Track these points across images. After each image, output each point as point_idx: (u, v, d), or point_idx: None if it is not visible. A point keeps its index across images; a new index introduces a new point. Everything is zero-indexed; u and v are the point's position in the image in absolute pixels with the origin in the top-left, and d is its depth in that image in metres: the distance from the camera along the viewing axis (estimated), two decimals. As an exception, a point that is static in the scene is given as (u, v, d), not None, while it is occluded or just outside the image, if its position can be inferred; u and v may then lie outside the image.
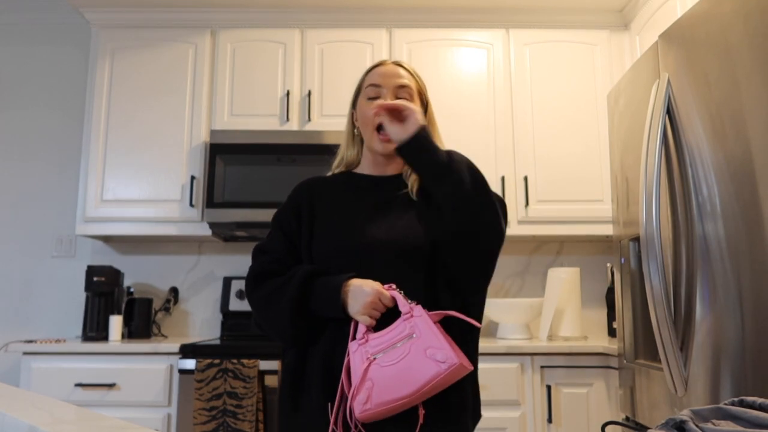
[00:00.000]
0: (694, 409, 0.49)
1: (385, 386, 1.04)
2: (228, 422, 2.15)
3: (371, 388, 1.04)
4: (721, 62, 1.36)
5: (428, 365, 1.02)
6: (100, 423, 0.70)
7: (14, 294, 2.97)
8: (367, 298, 1.09)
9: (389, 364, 1.04)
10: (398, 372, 1.04)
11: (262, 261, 1.24)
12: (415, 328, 1.06)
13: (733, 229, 1.32)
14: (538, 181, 2.70)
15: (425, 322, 1.06)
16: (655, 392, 1.69)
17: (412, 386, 1.03)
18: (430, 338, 1.04)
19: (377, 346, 1.07)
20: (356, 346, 1.09)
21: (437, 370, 1.02)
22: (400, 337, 1.06)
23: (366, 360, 1.06)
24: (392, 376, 1.04)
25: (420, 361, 1.03)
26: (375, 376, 1.04)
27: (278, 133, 2.68)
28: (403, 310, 1.08)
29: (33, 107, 3.10)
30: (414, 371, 1.03)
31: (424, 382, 1.03)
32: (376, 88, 1.26)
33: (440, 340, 1.04)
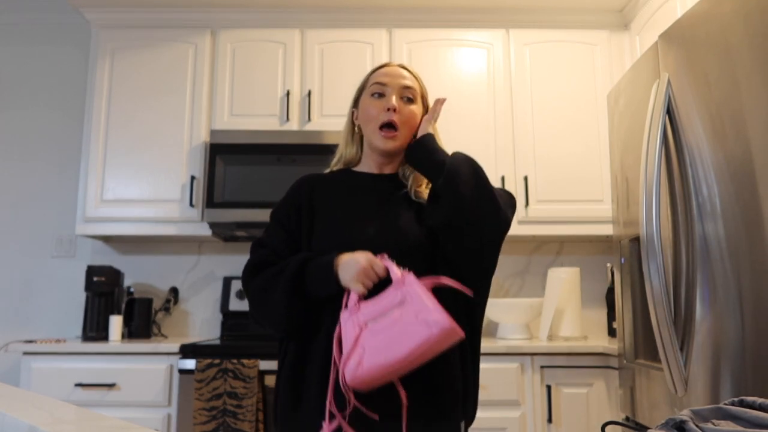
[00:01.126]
0: (694, 409, 0.49)
1: (376, 351, 1.03)
2: (228, 422, 2.15)
3: (362, 354, 1.04)
4: (721, 62, 1.36)
5: (419, 329, 1.02)
6: (100, 423, 0.70)
7: (14, 294, 2.97)
8: (360, 266, 1.10)
9: (381, 331, 1.05)
10: (390, 337, 1.03)
11: (261, 253, 1.25)
12: (406, 294, 1.06)
13: (733, 229, 1.32)
14: (538, 181, 2.70)
15: (417, 288, 1.06)
16: (655, 392, 1.69)
17: (403, 350, 1.02)
18: (421, 303, 1.04)
19: (369, 314, 1.07)
20: (348, 315, 1.09)
21: (428, 333, 1.01)
22: (392, 304, 1.06)
23: (357, 327, 1.06)
24: (384, 342, 1.03)
25: (411, 325, 1.03)
26: (367, 343, 1.04)
27: (278, 133, 2.68)
28: (395, 278, 1.08)
29: (33, 107, 3.10)
30: (405, 335, 1.03)
31: (415, 346, 1.02)
32: (382, 87, 1.27)
33: (431, 305, 1.04)
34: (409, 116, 1.27)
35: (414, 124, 1.28)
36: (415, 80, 1.31)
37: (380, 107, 1.25)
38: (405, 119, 1.26)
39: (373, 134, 1.26)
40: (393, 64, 1.33)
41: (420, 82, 1.32)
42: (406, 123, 1.26)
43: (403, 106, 1.26)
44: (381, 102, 1.26)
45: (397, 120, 1.24)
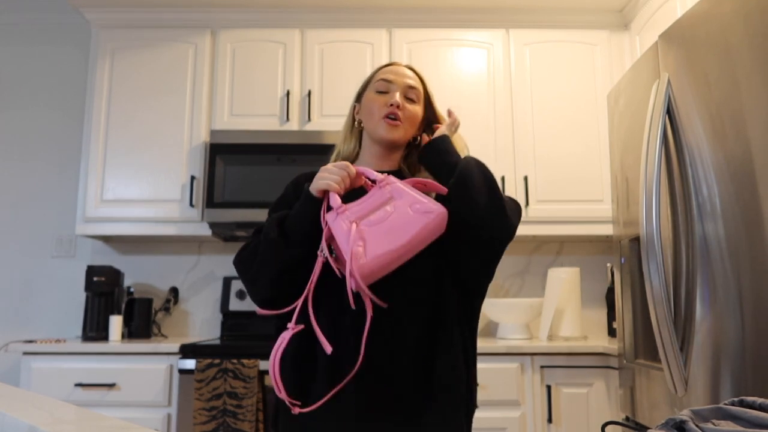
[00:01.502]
0: (694, 409, 0.49)
1: (377, 241, 1.03)
2: (228, 422, 2.15)
3: (363, 245, 1.03)
4: (721, 62, 1.36)
5: (416, 218, 1.04)
6: (100, 423, 0.70)
7: (14, 294, 2.96)
8: (322, 168, 1.11)
9: (377, 222, 1.04)
10: (387, 228, 1.04)
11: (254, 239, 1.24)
12: (393, 191, 1.06)
13: (733, 229, 1.32)
14: (538, 181, 2.70)
15: (402, 184, 1.07)
16: (655, 392, 1.69)
17: (406, 236, 1.03)
18: (412, 195, 1.05)
19: (358, 212, 1.06)
20: (335, 215, 1.06)
21: (426, 220, 1.03)
22: (381, 201, 1.06)
23: (350, 222, 1.04)
24: (383, 232, 1.04)
25: (407, 216, 1.04)
26: (365, 236, 1.03)
27: (278, 133, 2.68)
28: (376, 176, 1.08)
29: (33, 107, 3.10)
30: (404, 224, 1.04)
31: (416, 232, 1.03)
32: (387, 84, 1.28)
33: (422, 196, 1.06)
34: (412, 115, 1.27)
35: (415, 123, 1.29)
36: (420, 82, 1.31)
37: (384, 102, 1.26)
38: (407, 116, 1.26)
39: (378, 123, 1.26)
40: (400, 64, 1.34)
41: (425, 85, 1.32)
42: (408, 119, 1.27)
43: (406, 105, 1.26)
44: (385, 98, 1.26)
45: (399, 115, 1.25)
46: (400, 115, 1.25)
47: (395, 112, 1.24)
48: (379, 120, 1.26)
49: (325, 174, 1.11)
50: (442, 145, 1.23)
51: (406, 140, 1.29)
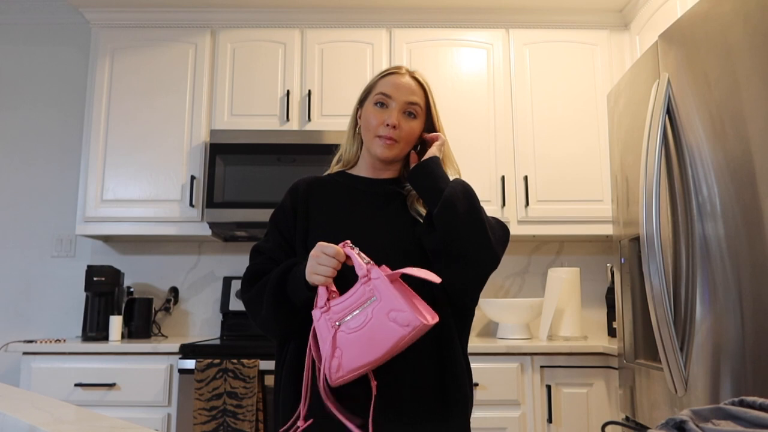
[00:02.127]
0: (694, 409, 0.49)
1: (353, 353, 1.04)
2: (228, 422, 2.15)
3: (340, 356, 1.04)
4: (721, 62, 1.36)
5: (392, 329, 1.02)
6: (100, 423, 0.70)
7: (14, 294, 2.96)
8: (320, 253, 1.09)
9: (354, 331, 1.05)
10: (364, 338, 1.04)
11: (257, 262, 1.26)
12: (375, 290, 1.05)
13: (733, 229, 1.32)
14: (538, 181, 2.70)
15: (384, 283, 1.05)
16: (655, 392, 1.69)
17: (379, 351, 1.03)
18: (391, 301, 1.04)
19: (340, 312, 1.06)
20: (319, 314, 1.08)
21: (402, 333, 1.02)
22: (361, 301, 1.06)
23: (332, 328, 1.06)
24: (359, 342, 1.04)
25: (384, 325, 1.03)
26: (342, 344, 1.05)
27: (278, 133, 2.68)
28: (360, 273, 1.07)
29: (33, 107, 3.10)
30: (379, 336, 1.03)
31: (390, 347, 1.03)
32: (386, 98, 1.26)
33: (401, 302, 1.03)
34: (408, 133, 1.26)
35: (412, 140, 1.29)
36: (422, 93, 1.29)
37: (381, 119, 1.25)
38: (404, 135, 1.26)
39: (372, 141, 1.27)
40: (403, 72, 1.30)
41: (428, 94, 1.30)
42: (403, 138, 1.26)
43: (403, 123, 1.25)
44: (383, 114, 1.25)
45: (395, 136, 1.25)
46: (395, 137, 1.24)
47: (390, 135, 1.24)
48: (374, 138, 1.26)
49: (315, 264, 1.09)
50: (430, 168, 1.22)
51: (401, 156, 1.29)
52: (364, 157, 1.33)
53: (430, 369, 1.17)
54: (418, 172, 1.23)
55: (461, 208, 1.15)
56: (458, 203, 1.15)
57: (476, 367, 2.22)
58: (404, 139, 1.26)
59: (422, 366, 1.17)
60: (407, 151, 1.29)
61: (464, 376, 1.21)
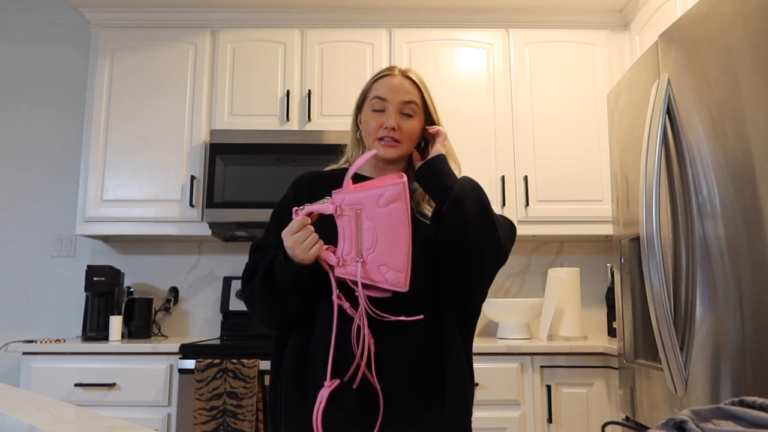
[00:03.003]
0: (694, 409, 0.49)
1: (392, 256, 1.06)
2: (228, 422, 2.15)
3: (387, 269, 1.06)
4: (721, 62, 1.36)
5: (393, 209, 1.05)
6: (100, 423, 0.70)
7: (14, 294, 2.96)
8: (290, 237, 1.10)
9: (374, 244, 1.06)
10: (385, 239, 1.06)
11: (255, 260, 1.26)
12: (353, 207, 1.07)
13: (733, 229, 1.32)
14: (538, 181, 2.70)
15: (351, 195, 1.07)
16: (655, 392, 1.69)
17: (404, 231, 1.07)
18: (370, 197, 1.06)
19: (351, 251, 1.07)
20: (343, 270, 1.08)
21: (401, 204, 1.06)
22: (354, 224, 1.07)
23: (361, 265, 1.06)
24: (387, 246, 1.06)
25: (384, 215, 1.06)
26: (378, 261, 1.06)
27: (278, 133, 2.68)
28: (330, 211, 1.08)
29: (33, 107, 3.09)
30: (392, 224, 1.06)
31: (406, 221, 1.07)
32: (382, 102, 1.27)
33: (376, 190, 1.06)
34: (409, 132, 1.27)
35: (414, 138, 1.30)
36: (416, 91, 1.29)
37: (379, 123, 1.26)
38: (404, 135, 1.27)
39: (374, 144, 1.28)
40: (395, 73, 1.31)
41: (423, 90, 1.31)
42: (405, 139, 1.27)
43: (402, 123, 1.26)
44: (381, 118, 1.27)
45: (396, 137, 1.26)
46: (397, 137, 1.26)
47: (391, 135, 1.25)
48: (374, 142, 1.27)
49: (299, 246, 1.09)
50: (437, 165, 1.22)
51: (405, 156, 1.31)
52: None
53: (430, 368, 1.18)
54: (426, 170, 1.23)
55: (470, 205, 1.15)
56: (467, 201, 1.16)
57: (476, 367, 2.20)
58: (406, 138, 1.27)
59: (422, 365, 1.17)
60: (411, 149, 1.30)
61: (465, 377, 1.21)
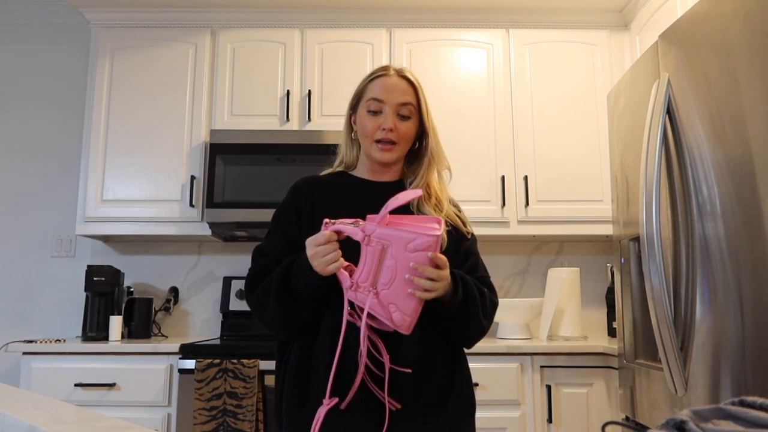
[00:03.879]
0: (694, 409, 0.49)
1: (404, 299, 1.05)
2: (228, 422, 2.15)
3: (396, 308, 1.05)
4: (721, 62, 1.36)
5: (419, 257, 1.05)
6: (100, 423, 0.70)
7: (14, 294, 2.96)
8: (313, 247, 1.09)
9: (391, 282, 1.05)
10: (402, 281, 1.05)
11: (260, 264, 1.25)
12: (381, 240, 1.05)
13: (733, 229, 1.32)
14: (538, 181, 2.70)
15: (384, 229, 1.06)
16: (655, 392, 1.69)
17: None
18: (401, 237, 1.05)
19: (366, 279, 1.06)
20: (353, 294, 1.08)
21: (424, 256, 1.05)
22: (377, 257, 1.06)
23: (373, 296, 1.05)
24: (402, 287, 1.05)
25: (410, 259, 1.05)
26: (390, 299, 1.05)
27: (278, 133, 2.68)
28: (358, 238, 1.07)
29: (33, 107, 3.09)
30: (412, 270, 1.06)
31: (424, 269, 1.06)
32: (378, 103, 1.27)
33: (409, 233, 1.05)
34: (405, 133, 1.28)
35: (410, 139, 1.30)
36: (412, 92, 1.29)
37: (376, 125, 1.26)
38: (401, 136, 1.27)
39: (370, 147, 1.28)
40: (391, 73, 1.30)
41: (418, 90, 1.30)
42: (402, 139, 1.27)
43: (399, 124, 1.26)
44: (377, 120, 1.26)
45: (393, 138, 1.26)
46: (394, 138, 1.26)
47: (388, 137, 1.25)
48: (371, 144, 1.27)
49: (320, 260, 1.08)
50: (468, 290, 1.21)
51: (400, 158, 1.31)
52: (363, 161, 1.34)
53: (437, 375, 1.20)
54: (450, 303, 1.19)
55: (474, 319, 1.20)
56: (475, 318, 1.20)
57: (476, 367, 2.21)
58: (402, 139, 1.27)
59: (430, 373, 1.19)
60: (406, 150, 1.30)
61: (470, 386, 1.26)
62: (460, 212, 1.34)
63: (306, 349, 1.19)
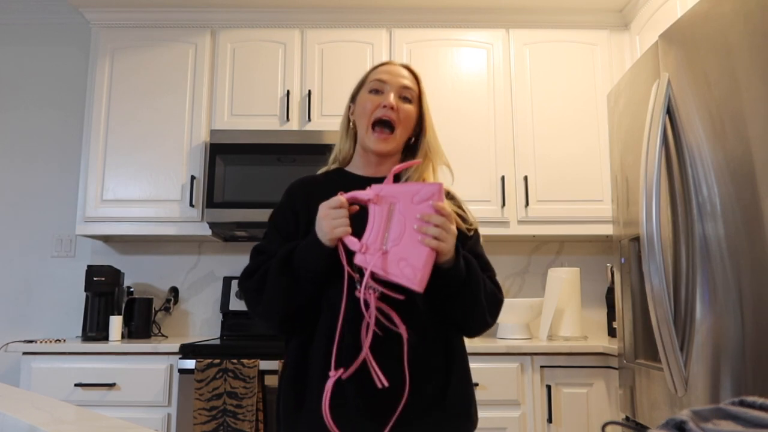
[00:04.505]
0: (694, 409, 0.49)
1: (414, 251, 1.04)
2: (228, 422, 2.15)
3: (406, 263, 1.03)
4: (721, 62, 1.36)
5: (426, 207, 1.05)
6: (100, 423, 0.70)
7: (14, 294, 2.96)
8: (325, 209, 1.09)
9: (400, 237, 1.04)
10: (411, 234, 1.04)
11: (258, 261, 1.24)
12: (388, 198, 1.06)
13: (733, 229, 1.32)
14: (538, 181, 2.70)
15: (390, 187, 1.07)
16: (655, 392, 1.69)
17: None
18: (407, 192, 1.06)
19: (376, 240, 1.05)
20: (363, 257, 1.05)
21: (430, 204, 1.05)
22: (385, 215, 1.06)
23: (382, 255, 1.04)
24: (411, 241, 1.04)
25: (417, 211, 1.05)
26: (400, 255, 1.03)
27: (278, 133, 2.68)
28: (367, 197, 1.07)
29: (33, 107, 3.09)
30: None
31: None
32: (381, 83, 1.26)
33: (414, 186, 1.07)
34: (406, 115, 1.26)
35: (410, 125, 1.28)
36: (414, 82, 1.30)
37: (377, 103, 1.24)
38: (402, 117, 1.25)
39: (366, 131, 1.25)
40: (395, 63, 1.32)
41: (420, 84, 1.31)
42: (402, 122, 1.25)
43: (400, 105, 1.25)
44: (378, 98, 1.25)
45: (394, 117, 1.23)
46: (394, 118, 1.23)
47: (389, 116, 1.23)
48: (368, 128, 1.24)
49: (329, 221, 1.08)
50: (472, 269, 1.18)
51: (398, 149, 1.28)
52: (359, 153, 1.31)
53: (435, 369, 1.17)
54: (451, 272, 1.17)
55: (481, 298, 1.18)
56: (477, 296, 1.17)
57: (476, 367, 2.21)
58: (402, 122, 1.25)
59: (428, 367, 1.16)
60: (404, 140, 1.28)
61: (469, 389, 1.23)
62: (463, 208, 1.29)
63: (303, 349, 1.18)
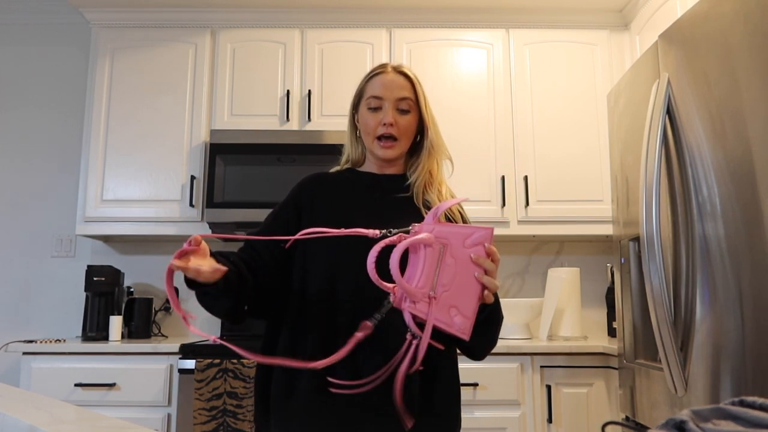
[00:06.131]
0: (694, 409, 0.49)
1: (464, 299, 0.98)
2: (228, 422, 2.15)
3: (457, 312, 0.97)
4: (721, 62, 1.36)
5: (476, 251, 1.00)
6: (100, 423, 0.70)
7: (14, 294, 2.96)
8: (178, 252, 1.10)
9: (451, 282, 0.97)
10: (463, 280, 0.98)
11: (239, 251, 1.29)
12: (439, 240, 0.97)
13: (733, 229, 1.32)
14: (538, 181, 2.70)
15: (440, 228, 0.99)
16: (655, 392, 1.69)
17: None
18: (458, 233, 1.00)
19: (425, 285, 0.95)
20: (409, 305, 0.93)
21: (481, 249, 1.01)
22: (435, 258, 0.97)
23: (429, 301, 0.94)
24: (461, 286, 0.98)
25: (466, 253, 0.99)
26: (449, 302, 0.96)
27: (278, 133, 2.68)
28: (423, 241, 0.97)
29: (33, 107, 3.09)
30: (473, 267, 0.99)
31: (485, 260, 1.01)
32: (378, 100, 1.29)
33: (466, 229, 1.01)
34: (406, 127, 1.30)
35: (411, 133, 1.32)
36: (410, 87, 1.31)
37: (377, 121, 1.28)
38: (402, 130, 1.29)
39: (372, 144, 1.30)
40: (389, 70, 1.32)
41: (415, 85, 1.32)
42: (403, 133, 1.29)
43: (399, 119, 1.28)
44: (378, 116, 1.29)
45: (395, 133, 1.28)
46: (395, 134, 1.28)
47: (390, 133, 1.27)
48: (373, 141, 1.29)
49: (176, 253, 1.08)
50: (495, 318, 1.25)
51: (403, 154, 1.33)
52: (368, 156, 1.37)
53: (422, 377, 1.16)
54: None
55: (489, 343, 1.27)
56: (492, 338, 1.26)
57: (476, 367, 2.22)
58: (403, 134, 1.29)
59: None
60: (408, 146, 1.33)
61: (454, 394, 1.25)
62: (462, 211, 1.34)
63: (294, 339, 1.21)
